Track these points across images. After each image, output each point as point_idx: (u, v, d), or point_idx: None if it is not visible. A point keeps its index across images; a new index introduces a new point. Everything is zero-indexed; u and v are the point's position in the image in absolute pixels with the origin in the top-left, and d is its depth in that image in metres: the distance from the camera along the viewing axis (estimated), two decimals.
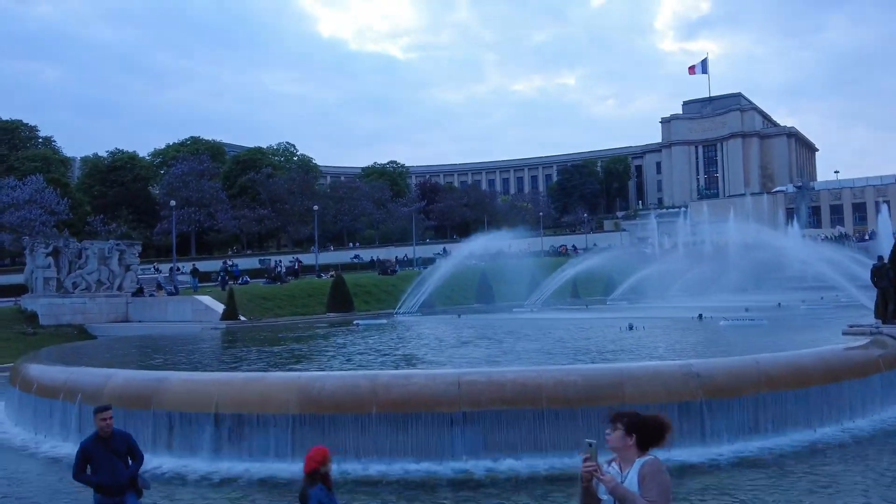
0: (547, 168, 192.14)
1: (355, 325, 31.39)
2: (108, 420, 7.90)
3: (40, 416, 16.93)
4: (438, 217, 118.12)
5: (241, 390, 13.82)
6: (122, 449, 7.90)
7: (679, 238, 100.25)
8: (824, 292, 54.95)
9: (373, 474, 12.27)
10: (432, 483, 11.83)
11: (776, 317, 30.89)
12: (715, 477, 11.69)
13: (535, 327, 26.60)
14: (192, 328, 34.87)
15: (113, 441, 7.88)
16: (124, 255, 42.28)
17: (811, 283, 72.96)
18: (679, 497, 9.86)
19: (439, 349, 18.06)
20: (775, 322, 26.76)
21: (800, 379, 14.08)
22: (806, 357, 14.73)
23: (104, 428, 7.85)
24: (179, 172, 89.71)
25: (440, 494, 11.21)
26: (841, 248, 66.57)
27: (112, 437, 7.89)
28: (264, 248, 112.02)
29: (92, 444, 7.83)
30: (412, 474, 12.27)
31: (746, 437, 13.39)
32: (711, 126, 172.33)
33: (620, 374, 13.36)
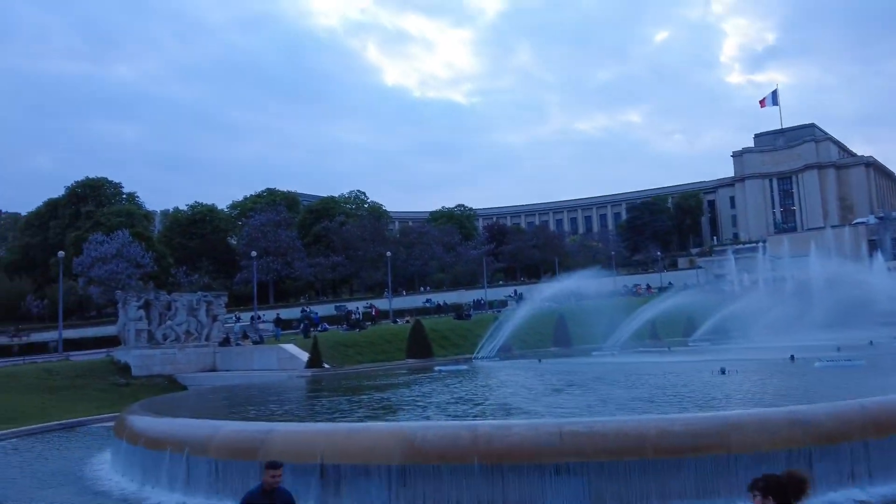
0: (615, 206, 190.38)
1: (437, 371, 31.60)
2: (278, 477, 8.22)
3: (147, 468, 17.55)
4: (507, 259, 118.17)
5: (346, 440, 14.12)
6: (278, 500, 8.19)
7: (759, 274, 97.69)
8: None
9: None
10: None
11: (871, 356, 29.77)
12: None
13: (622, 372, 26.30)
14: (279, 376, 35.66)
15: (275, 496, 8.18)
16: (211, 306, 43.72)
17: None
18: None
19: (532, 398, 18.06)
20: (872, 362, 25.80)
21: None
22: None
23: (272, 483, 8.16)
24: (258, 223, 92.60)
25: None
26: None
27: (275, 493, 8.21)
28: (337, 293, 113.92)
29: (257, 498, 8.14)
30: None
31: (854, 484, 12.99)
32: (785, 158, 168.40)
33: (725, 423, 13.15)
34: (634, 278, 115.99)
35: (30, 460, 21.93)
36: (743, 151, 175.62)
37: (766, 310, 72.32)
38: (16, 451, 23.90)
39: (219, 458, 15.39)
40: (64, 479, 18.95)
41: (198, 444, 15.94)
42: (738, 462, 12.70)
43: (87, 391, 37.31)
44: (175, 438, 16.64)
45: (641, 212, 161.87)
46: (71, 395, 36.23)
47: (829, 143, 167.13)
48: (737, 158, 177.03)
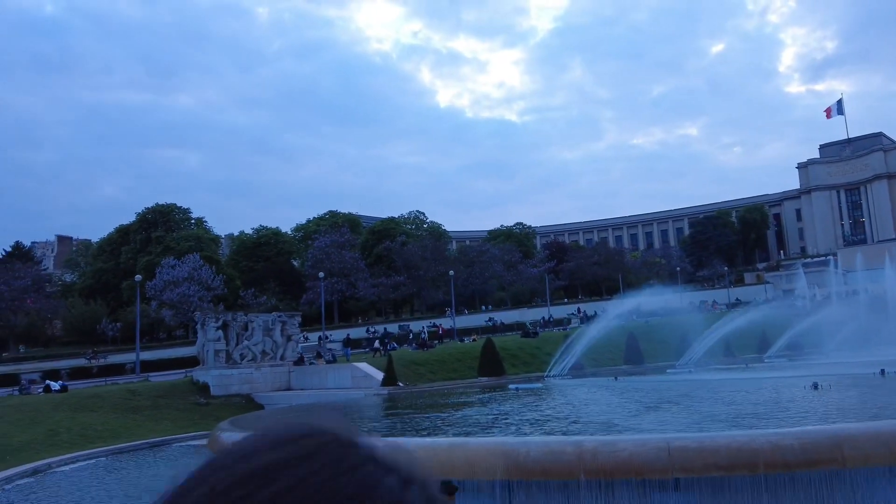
0: (677, 221, 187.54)
1: (513, 389, 31.55)
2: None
3: None
4: (568, 276, 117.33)
5: (448, 455, 14.20)
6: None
7: (831, 288, 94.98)
8: None
9: None
10: None
11: None
12: None
13: (708, 389, 25.83)
14: (355, 395, 36.04)
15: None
16: (286, 326, 44.54)
17: None
18: None
19: (629, 415, 17.88)
20: None
21: None
22: None
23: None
24: (322, 245, 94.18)
25: None
26: None
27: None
28: (398, 313, 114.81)
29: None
30: None
31: None
32: (853, 169, 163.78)
33: (838, 436, 12.83)
34: (700, 294, 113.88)
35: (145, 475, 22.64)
36: (808, 163, 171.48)
37: (841, 324, 70.24)
38: (115, 469, 24.68)
39: None
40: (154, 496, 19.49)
41: None
42: (853, 476, 12.40)
43: (169, 410, 38.30)
44: None
45: (704, 226, 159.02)
46: (154, 415, 37.27)
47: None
48: (802, 170, 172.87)
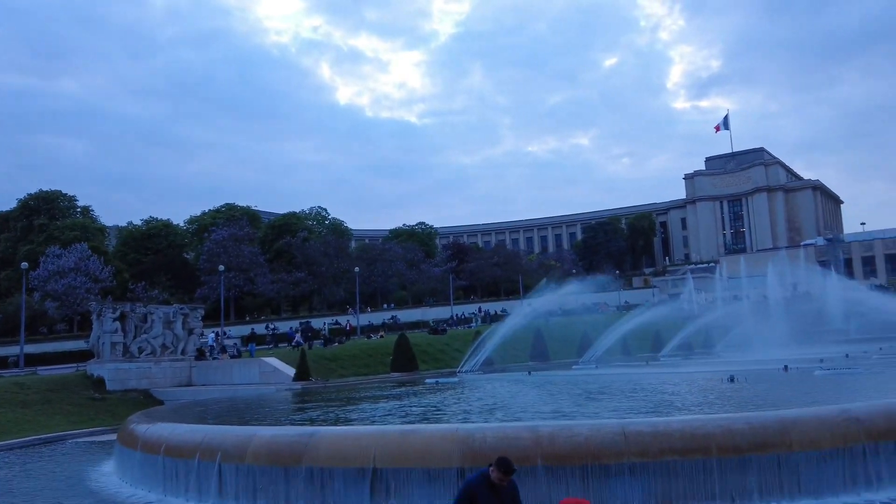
0: (570, 226, 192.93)
1: (434, 383, 31.31)
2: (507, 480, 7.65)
3: (171, 477, 16.88)
4: (468, 277, 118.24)
5: (400, 443, 13.79)
6: (508, 499, 7.59)
7: (716, 293, 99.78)
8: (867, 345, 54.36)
9: None
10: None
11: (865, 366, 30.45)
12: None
13: (626, 383, 26.42)
14: (266, 390, 34.86)
15: (503, 488, 7.62)
16: (188, 319, 42.61)
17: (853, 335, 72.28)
18: None
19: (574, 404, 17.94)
20: (869, 371, 26.46)
21: None
22: None
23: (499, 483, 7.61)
24: (220, 238, 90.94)
25: None
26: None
27: (503, 490, 7.63)
28: (297, 310, 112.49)
29: (479, 483, 7.56)
30: None
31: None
32: (735, 181, 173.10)
33: (785, 421, 13.26)
34: (593, 297, 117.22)
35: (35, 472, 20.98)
36: (694, 174, 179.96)
37: (727, 327, 74.17)
38: (8, 465, 22.81)
39: (256, 464, 14.88)
40: (75, 492, 18.14)
41: (232, 450, 15.39)
42: (799, 460, 12.81)
43: (62, 405, 35.88)
44: (205, 445, 16.02)
45: (596, 232, 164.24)
46: (45, 410, 34.82)
47: (778, 166, 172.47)
48: (688, 181, 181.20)
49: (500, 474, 7.28)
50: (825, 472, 12.85)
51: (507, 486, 7.37)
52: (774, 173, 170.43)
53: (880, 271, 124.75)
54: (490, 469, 7.40)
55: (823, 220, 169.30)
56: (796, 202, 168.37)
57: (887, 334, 63.48)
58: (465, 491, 7.24)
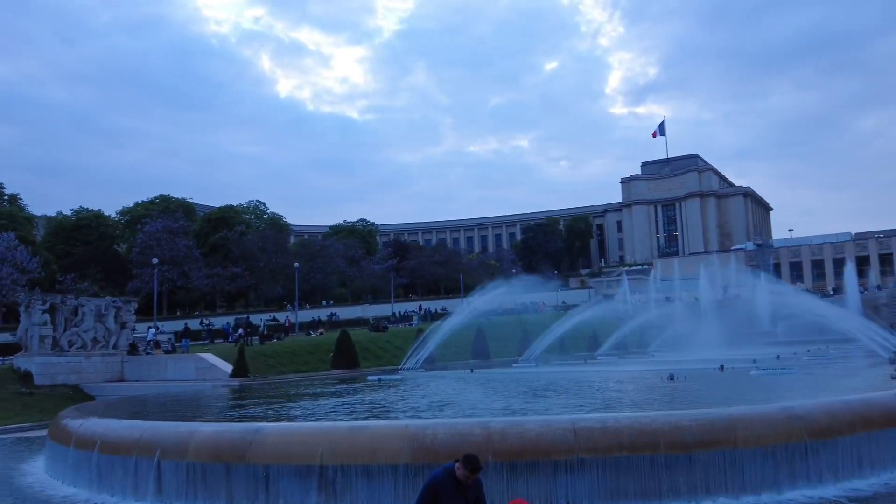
0: (510, 227, 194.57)
1: (378, 380, 31.02)
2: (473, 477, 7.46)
3: (106, 475, 16.25)
4: (408, 275, 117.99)
5: (348, 440, 13.55)
6: (473, 496, 7.34)
7: (650, 295, 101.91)
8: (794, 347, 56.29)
9: None
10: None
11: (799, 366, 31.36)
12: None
13: (568, 380, 26.64)
14: (202, 386, 33.99)
15: (468, 491, 7.36)
16: (120, 313, 41.28)
17: (781, 338, 74.79)
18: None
19: (524, 401, 17.92)
20: (803, 371, 27.28)
21: (887, 420, 14.43)
22: (892, 401, 15.09)
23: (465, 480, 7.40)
24: (154, 230, 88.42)
25: None
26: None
27: (468, 488, 7.38)
28: (233, 306, 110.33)
29: (443, 480, 7.27)
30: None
31: (847, 477, 13.63)
32: (670, 186, 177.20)
33: (732, 418, 13.50)
34: (531, 296, 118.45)
35: None
36: (631, 178, 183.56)
37: (660, 328, 75.98)
38: None
39: (199, 461, 14.44)
40: (2, 490, 17.30)
41: (172, 447, 14.90)
42: (744, 456, 13.06)
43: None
44: (143, 443, 15.45)
45: (535, 233, 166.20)
46: None
47: (711, 173, 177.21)
48: (625, 185, 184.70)
49: (467, 472, 7.10)
50: (768, 468, 13.14)
51: (471, 482, 7.19)
52: (707, 179, 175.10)
53: (807, 276, 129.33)
54: (455, 466, 7.20)
55: (753, 225, 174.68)
56: (728, 208, 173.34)
57: (812, 337, 65.88)
58: (430, 487, 7.02)
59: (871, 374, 22.38)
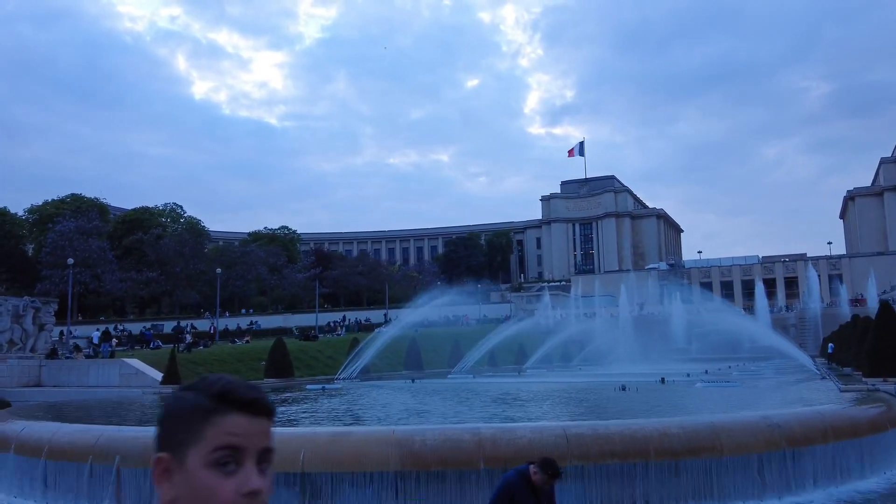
0: (432, 239, 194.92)
1: (321, 389, 30.26)
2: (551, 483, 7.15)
3: (54, 484, 15.13)
4: (331, 285, 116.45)
5: (332, 446, 13.06)
6: (545, 501, 6.90)
7: (571, 311, 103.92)
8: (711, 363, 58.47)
9: None
10: None
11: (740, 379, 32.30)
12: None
13: (521, 391, 26.63)
14: (131, 393, 32.32)
15: (542, 496, 6.92)
16: (39, 314, 38.97)
17: (695, 355, 77.46)
18: None
19: (490, 412, 17.71)
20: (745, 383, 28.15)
21: (854, 429, 14.94)
22: (857, 412, 15.63)
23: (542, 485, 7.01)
24: (66, 230, 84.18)
25: None
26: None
27: (543, 492, 6.95)
28: (144, 312, 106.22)
29: (518, 483, 6.82)
30: None
31: (824, 483, 14.01)
32: (587, 206, 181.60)
33: (715, 426, 13.69)
34: (454, 310, 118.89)
35: None
36: (551, 196, 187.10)
37: (583, 342, 77.75)
38: None
39: None
40: None
41: (134, 453, 13.98)
42: (729, 464, 13.23)
43: None
44: (100, 448, 14.47)
45: (457, 246, 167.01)
46: None
47: (627, 194, 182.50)
48: (545, 202, 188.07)
49: (546, 477, 6.76)
50: (751, 476, 13.34)
51: (548, 488, 6.88)
52: (623, 200, 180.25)
53: (717, 296, 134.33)
54: (531, 469, 6.86)
55: (666, 246, 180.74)
56: (642, 228, 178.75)
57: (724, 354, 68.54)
58: (504, 490, 6.67)
59: (812, 387, 23.25)
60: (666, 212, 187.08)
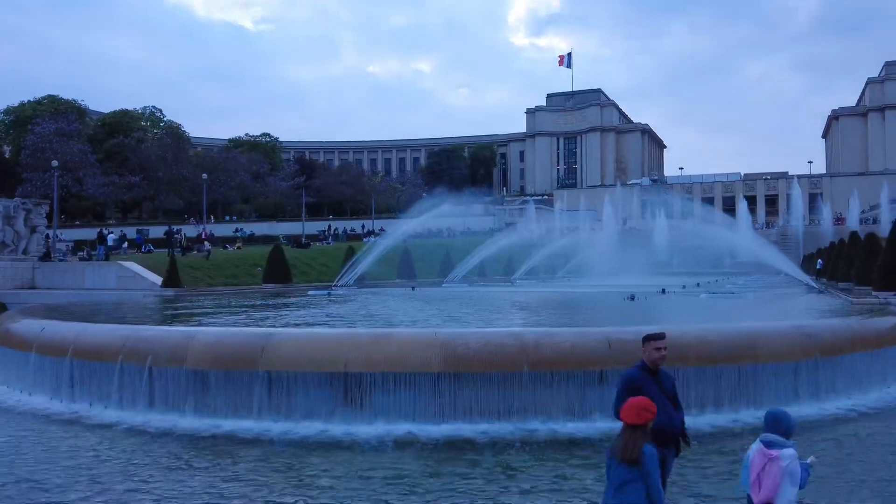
0: (415, 151, 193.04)
1: (327, 294, 30.30)
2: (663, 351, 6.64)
3: (81, 384, 15.00)
4: (315, 194, 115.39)
5: (374, 347, 12.97)
6: (671, 391, 6.70)
7: (556, 224, 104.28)
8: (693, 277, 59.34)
9: (529, 432, 12.00)
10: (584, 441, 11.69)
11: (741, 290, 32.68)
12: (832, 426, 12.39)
13: (530, 300, 26.76)
14: (131, 295, 32.08)
15: (662, 378, 6.71)
16: (30, 216, 38.20)
17: (676, 269, 78.52)
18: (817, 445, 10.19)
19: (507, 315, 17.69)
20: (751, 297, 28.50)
21: (880, 340, 15.17)
22: (882, 322, 15.81)
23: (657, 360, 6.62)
24: (46, 132, 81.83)
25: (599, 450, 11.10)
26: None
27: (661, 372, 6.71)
28: (126, 218, 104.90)
29: (640, 375, 6.63)
30: (564, 432, 12.09)
31: (852, 392, 14.29)
32: (573, 119, 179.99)
33: (753, 334, 13.79)
34: (437, 222, 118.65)
35: None
36: (536, 109, 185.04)
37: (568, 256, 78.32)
38: None
39: (200, 368, 13.47)
40: None
41: (167, 353, 13.86)
42: (764, 371, 13.39)
43: None
44: (129, 348, 14.29)
45: (441, 158, 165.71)
46: None
47: (613, 108, 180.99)
48: (530, 115, 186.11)
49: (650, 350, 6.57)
50: (785, 383, 13.54)
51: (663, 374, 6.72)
52: (609, 114, 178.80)
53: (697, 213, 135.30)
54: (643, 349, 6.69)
55: (648, 162, 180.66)
56: (626, 143, 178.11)
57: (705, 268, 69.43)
58: (629, 382, 6.52)
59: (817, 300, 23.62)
60: (651, 127, 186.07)
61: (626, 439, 5.52)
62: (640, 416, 5.53)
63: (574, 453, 10.90)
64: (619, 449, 5.54)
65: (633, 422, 5.55)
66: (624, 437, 5.56)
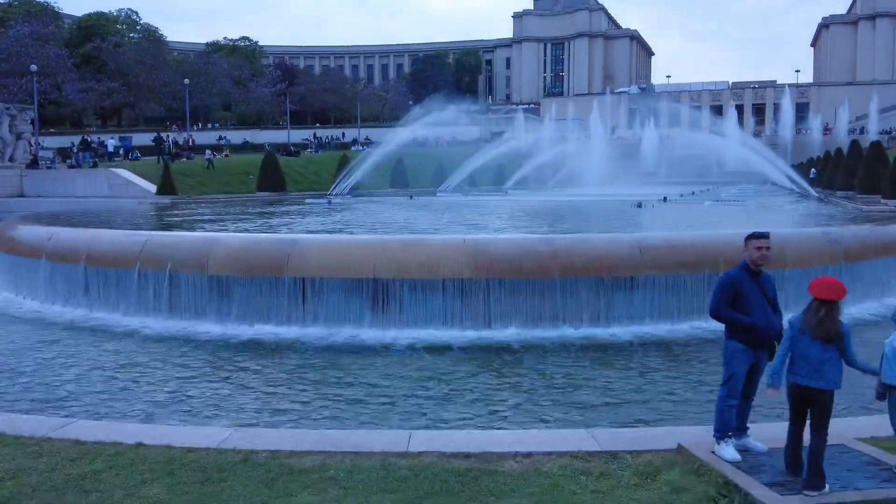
0: (398, 57, 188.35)
1: (325, 202, 29.92)
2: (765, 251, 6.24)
3: (97, 290, 14.74)
4: (297, 101, 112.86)
5: (403, 253, 12.80)
6: (772, 293, 6.45)
7: (545, 133, 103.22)
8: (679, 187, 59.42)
9: (564, 335, 12.05)
10: (617, 345, 11.76)
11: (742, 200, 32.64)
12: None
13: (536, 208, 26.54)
14: (126, 203, 31.47)
15: (763, 280, 6.45)
16: (15, 121, 37.02)
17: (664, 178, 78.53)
18: None
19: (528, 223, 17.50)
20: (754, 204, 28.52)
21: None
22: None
23: (758, 260, 6.25)
24: (20, 35, 78.44)
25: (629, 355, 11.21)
26: None
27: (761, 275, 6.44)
28: (106, 125, 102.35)
29: (741, 276, 6.36)
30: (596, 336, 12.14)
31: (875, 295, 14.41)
32: (561, 24, 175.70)
33: (780, 239, 13.63)
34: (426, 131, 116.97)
35: None
36: (523, 13, 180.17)
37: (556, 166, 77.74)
38: None
39: (223, 274, 13.27)
40: None
41: (188, 259, 13.63)
42: (791, 277, 13.39)
43: None
44: (147, 254, 14.01)
45: (425, 65, 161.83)
46: None
47: (601, 13, 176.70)
48: (517, 20, 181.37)
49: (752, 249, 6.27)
50: None
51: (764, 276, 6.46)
52: (597, 19, 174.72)
53: (685, 122, 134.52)
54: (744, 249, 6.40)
55: (636, 70, 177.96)
56: (614, 50, 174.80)
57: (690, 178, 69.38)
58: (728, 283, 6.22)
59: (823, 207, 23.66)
60: (640, 33, 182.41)
61: (823, 316, 5.36)
62: (836, 293, 5.43)
63: (604, 359, 10.91)
64: (815, 325, 5.38)
65: (829, 297, 5.41)
66: (819, 314, 5.39)
